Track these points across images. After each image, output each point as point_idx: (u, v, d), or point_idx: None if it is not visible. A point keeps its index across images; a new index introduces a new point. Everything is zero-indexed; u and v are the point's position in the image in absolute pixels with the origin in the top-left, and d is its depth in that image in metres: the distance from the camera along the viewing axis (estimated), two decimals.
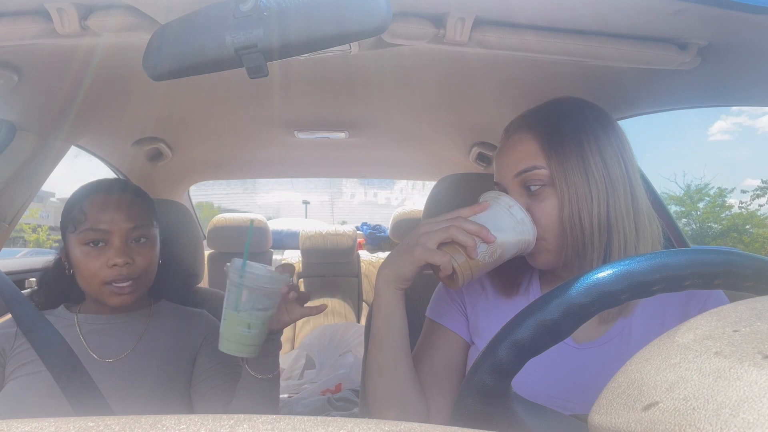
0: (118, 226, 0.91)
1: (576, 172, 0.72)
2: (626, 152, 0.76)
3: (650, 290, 0.45)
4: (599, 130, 0.75)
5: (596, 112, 0.78)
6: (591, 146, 0.73)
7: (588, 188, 0.72)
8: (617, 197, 0.73)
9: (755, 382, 0.23)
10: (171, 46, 0.58)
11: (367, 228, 3.09)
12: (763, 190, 16.01)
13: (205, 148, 1.90)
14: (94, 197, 0.94)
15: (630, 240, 0.73)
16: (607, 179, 0.73)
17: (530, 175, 0.74)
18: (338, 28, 0.54)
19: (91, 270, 0.91)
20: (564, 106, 0.79)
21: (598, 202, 0.72)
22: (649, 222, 0.76)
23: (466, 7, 0.73)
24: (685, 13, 0.70)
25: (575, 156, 0.73)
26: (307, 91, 1.28)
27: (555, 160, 0.73)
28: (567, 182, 0.72)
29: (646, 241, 0.74)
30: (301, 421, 0.26)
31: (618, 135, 0.76)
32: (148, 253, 0.95)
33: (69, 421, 0.26)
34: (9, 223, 1.28)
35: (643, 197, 0.76)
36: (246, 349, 0.80)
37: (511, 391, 0.47)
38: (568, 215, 0.72)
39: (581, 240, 0.72)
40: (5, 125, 1.19)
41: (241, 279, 0.78)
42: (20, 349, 0.91)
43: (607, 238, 0.73)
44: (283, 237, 3.00)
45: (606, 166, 0.73)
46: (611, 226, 0.72)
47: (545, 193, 0.74)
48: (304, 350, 2.23)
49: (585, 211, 0.72)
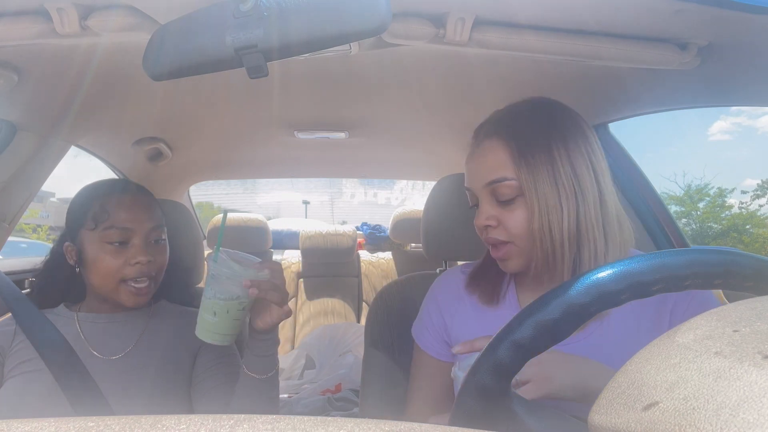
0: (141, 225, 0.94)
1: (546, 182, 0.72)
2: (595, 156, 0.75)
3: (650, 290, 0.45)
4: (568, 136, 0.74)
5: (566, 116, 0.77)
6: (561, 154, 0.73)
7: (558, 199, 0.72)
8: (587, 206, 0.72)
9: (755, 382, 0.23)
10: (171, 46, 0.58)
11: (367, 228, 3.09)
12: (763, 190, 16.01)
13: (205, 148, 1.90)
14: (116, 197, 0.95)
15: (599, 249, 0.73)
16: (577, 188, 0.72)
17: (500, 186, 0.74)
18: (338, 28, 0.54)
19: (111, 267, 0.92)
20: (535, 110, 0.79)
21: (568, 212, 0.72)
22: (619, 227, 0.75)
23: (466, 7, 0.73)
24: (685, 13, 0.70)
25: (545, 166, 0.72)
26: (307, 91, 1.28)
27: (525, 171, 0.73)
28: (537, 194, 0.72)
29: (615, 248, 0.74)
30: (301, 421, 0.26)
31: (586, 139, 0.75)
32: (164, 252, 0.99)
33: (69, 421, 0.26)
34: (9, 223, 1.28)
35: (612, 201, 0.75)
36: (213, 336, 0.84)
37: (511, 391, 0.47)
38: (538, 227, 0.72)
39: (551, 251, 0.73)
40: (5, 125, 1.19)
41: (212, 268, 0.81)
42: (19, 347, 0.91)
43: (577, 248, 0.73)
44: (283, 237, 3.00)
45: (576, 175, 0.72)
46: (581, 236, 0.72)
47: (516, 202, 0.74)
48: (304, 350, 2.23)
49: (555, 223, 0.72)
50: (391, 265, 2.70)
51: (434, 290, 0.94)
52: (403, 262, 2.70)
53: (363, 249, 2.94)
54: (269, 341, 0.87)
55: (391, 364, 1.07)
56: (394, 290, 1.13)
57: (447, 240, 1.17)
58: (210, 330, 0.83)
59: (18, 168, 1.22)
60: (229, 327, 0.83)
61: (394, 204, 7.37)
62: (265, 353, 0.87)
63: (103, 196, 0.96)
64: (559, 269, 0.74)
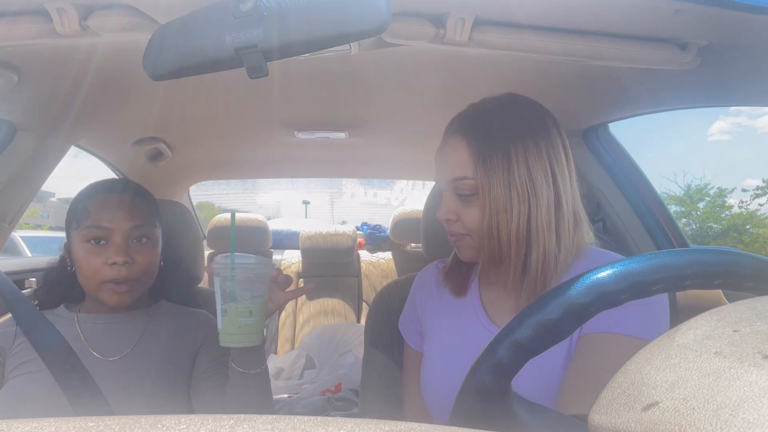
0: (119, 225, 0.92)
1: (499, 184, 0.74)
2: (556, 157, 0.76)
3: (650, 290, 0.45)
4: (529, 136, 0.75)
5: (532, 116, 0.78)
6: (518, 156, 0.74)
7: (509, 201, 0.73)
8: (539, 209, 0.74)
9: (755, 382, 0.23)
10: (171, 46, 0.58)
11: (367, 228, 3.09)
12: (763, 189, 16.01)
13: (205, 148, 1.90)
14: (98, 195, 0.95)
15: (550, 251, 0.74)
16: (531, 191, 0.73)
17: (461, 183, 0.77)
18: (338, 28, 0.54)
19: (91, 267, 0.91)
20: (499, 109, 0.80)
21: (518, 215, 0.73)
22: (573, 226, 0.76)
23: (466, 7, 0.73)
24: (685, 13, 0.70)
25: (501, 168, 0.74)
26: (307, 91, 1.28)
27: (482, 172, 0.75)
28: (490, 194, 0.74)
29: (568, 249, 0.75)
30: (301, 421, 0.26)
31: (549, 139, 0.76)
32: (149, 252, 0.95)
33: (69, 421, 0.26)
34: (9, 223, 1.28)
35: (568, 202, 0.76)
36: (251, 338, 0.82)
37: (511, 391, 0.47)
38: (487, 226, 0.75)
39: (497, 250, 0.75)
40: (5, 125, 1.19)
41: (232, 272, 0.80)
42: (20, 348, 0.91)
43: (526, 250, 0.75)
44: (283, 237, 3.00)
45: (531, 178, 0.74)
46: (531, 238, 0.74)
47: (474, 200, 0.76)
48: (304, 350, 2.23)
49: (503, 224, 0.74)
50: (391, 265, 2.70)
51: (414, 285, 0.99)
52: (403, 262, 2.70)
53: (363, 249, 2.94)
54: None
55: (391, 364, 1.07)
56: (394, 290, 1.13)
57: (447, 240, 1.16)
58: (248, 332, 0.81)
59: (18, 168, 1.22)
60: (262, 323, 0.84)
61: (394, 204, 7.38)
62: (257, 347, 0.87)
63: (88, 195, 0.95)
64: (505, 267, 0.76)
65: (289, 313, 2.52)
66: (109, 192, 0.96)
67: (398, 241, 2.78)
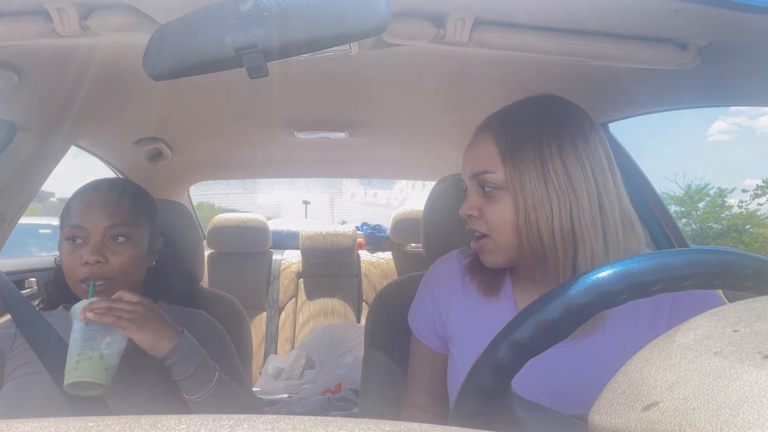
0: (94, 224, 0.91)
1: (533, 179, 0.71)
2: (595, 160, 0.73)
3: (650, 290, 0.45)
4: (564, 135, 0.73)
5: (565, 115, 0.76)
6: (552, 153, 0.72)
7: (547, 196, 0.71)
8: (581, 207, 0.71)
9: (755, 382, 0.23)
10: (171, 46, 0.58)
11: (367, 228, 3.08)
12: (763, 189, 16.01)
13: (205, 148, 1.90)
14: (80, 195, 0.95)
15: (597, 252, 0.71)
16: (569, 188, 0.71)
17: (484, 178, 0.75)
18: (338, 28, 0.54)
19: (68, 266, 0.91)
20: (531, 107, 0.78)
21: (559, 211, 0.71)
22: (622, 233, 0.74)
23: (466, 7, 0.73)
24: (685, 13, 0.70)
25: (533, 163, 0.72)
26: (307, 91, 1.28)
27: (511, 166, 0.73)
28: (523, 189, 0.72)
29: (617, 255, 0.73)
30: (301, 421, 0.26)
31: (585, 139, 0.74)
32: (125, 252, 0.92)
33: (69, 421, 0.26)
34: (9, 223, 1.28)
35: (613, 203, 0.73)
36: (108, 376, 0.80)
37: (511, 391, 0.47)
38: (524, 223, 0.72)
39: (540, 248, 0.72)
40: (5, 125, 1.19)
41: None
42: (19, 349, 0.91)
43: (574, 250, 0.72)
44: (283, 237, 3.00)
45: (568, 174, 0.71)
46: (576, 236, 0.71)
47: (498, 195, 0.74)
48: (304, 350, 2.23)
49: (543, 221, 0.71)
50: (391, 265, 2.70)
51: (430, 278, 0.92)
52: (403, 262, 2.70)
53: (363, 249, 2.94)
54: (175, 365, 0.83)
55: (390, 364, 1.07)
56: (394, 290, 1.13)
57: (447, 240, 1.17)
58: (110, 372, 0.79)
59: (18, 168, 1.22)
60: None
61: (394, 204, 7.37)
62: (181, 376, 0.83)
63: (74, 195, 0.96)
64: (553, 269, 0.73)
65: (289, 313, 2.52)
66: (91, 191, 0.95)
67: (398, 241, 2.78)
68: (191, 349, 0.84)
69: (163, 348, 0.81)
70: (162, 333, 0.82)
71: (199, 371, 0.84)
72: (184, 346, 0.83)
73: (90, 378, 0.76)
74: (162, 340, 0.82)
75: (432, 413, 0.87)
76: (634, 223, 0.76)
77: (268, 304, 2.52)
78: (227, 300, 1.22)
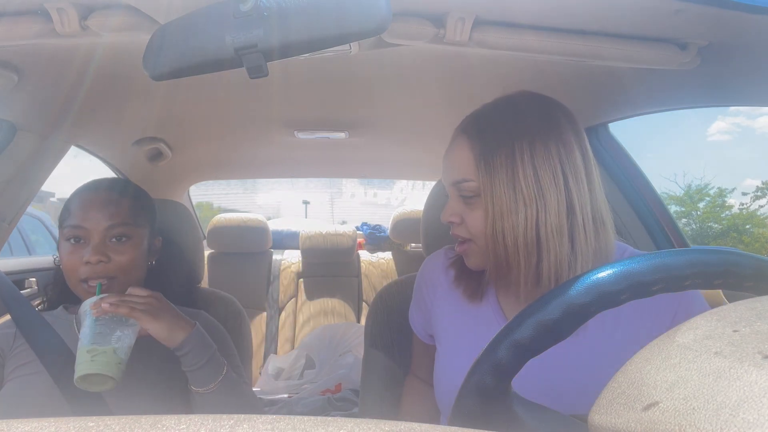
0: (95, 224, 0.91)
1: (503, 186, 0.70)
2: (570, 158, 0.71)
3: (650, 290, 0.45)
4: (537, 136, 0.71)
5: (544, 114, 0.74)
6: (524, 157, 0.70)
7: (515, 205, 0.69)
8: (548, 213, 0.69)
9: (755, 382, 0.23)
10: (171, 46, 0.58)
11: (367, 228, 3.08)
12: (763, 190, 16.01)
13: (205, 148, 1.90)
14: (80, 195, 0.95)
15: (563, 258, 0.70)
16: (538, 195, 0.69)
17: (462, 185, 0.75)
18: (338, 28, 0.54)
19: (69, 266, 0.91)
20: (507, 108, 0.77)
21: (525, 219, 0.69)
22: (593, 235, 0.72)
23: (466, 7, 0.73)
24: (685, 13, 0.70)
25: (505, 169, 0.70)
26: (307, 91, 1.28)
27: (484, 173, 0.71)
28: (493, 197, 0.71)
29: (586, 257, 0.71)
30: (301, 421, 0.26)
31: (562, 140, 0.71)
32: (128, 252, 0.93)
33: (69, 421, 0.26)
34: (9, 223, 1.28)
35: (584, 209, 0.71)
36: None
37: (511, 391, 0.47)
38: (491, 231, 0.71)
39: (504, 257, 0.71)
40: (5, 125, 1.19)
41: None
42: (19, 349, 0.91)
43: (537, 257, 0.70)
44: (283, 237, 3.00)
45: (538, 180, 0.69)
46: (541, 244, 0.70)
47: (477, 202, 0.74)
48: (304, 350, 2.23)
49: (508, 229, 0.70)
50: (391, 265, 2.70)
51: (420, 275, 0.94)
52: (403, 262, 2.70)
53: (363, 249, 2.94)
54: (187, 355, 0.84)
55: (391, 364, 1.07)
56: (394, 290, 1.13)
57: (447, 240, 1.16)
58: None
59: (18, 168, 1.22)
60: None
61: (394, 204, 7.36)
62: (192, 367, 0.84)
63: (73, 195, 0.95)
64: (515, 276, 0.72)
65: (289, 313, 2.52)
66: (90, 191, 0.95)
67: (398, 241, 2.78)
68: (203, 341, 0.86)
69: (177, 338, 0.83)
70: (176, 323, 0.84)
71: (209, 363, 0.85)
72: (196, 337, 0.85)
73: (103, 371, 0.77)
74: (176, 330, 0.83)
75: (431, 385, 0.89)
76: (606, 222, 0.75)
77: (268, 304, 2.52)
78: (227, 300, 1.22)
